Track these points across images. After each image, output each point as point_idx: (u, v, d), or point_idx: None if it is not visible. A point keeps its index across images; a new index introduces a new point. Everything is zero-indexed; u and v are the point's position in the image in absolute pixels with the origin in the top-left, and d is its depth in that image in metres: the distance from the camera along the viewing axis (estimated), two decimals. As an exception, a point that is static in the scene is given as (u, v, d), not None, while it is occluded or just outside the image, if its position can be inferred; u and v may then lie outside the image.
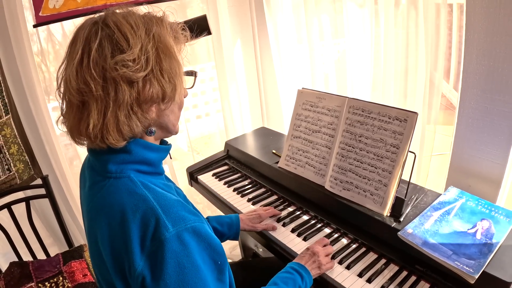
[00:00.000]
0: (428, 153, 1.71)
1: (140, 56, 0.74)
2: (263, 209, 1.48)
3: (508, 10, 1.21)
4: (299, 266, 1.12)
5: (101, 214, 0.79)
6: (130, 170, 0.81)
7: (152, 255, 0.72)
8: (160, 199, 0.77)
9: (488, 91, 1.35)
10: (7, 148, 1.57)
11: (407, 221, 1.27)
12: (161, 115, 0.84)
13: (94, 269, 0.89)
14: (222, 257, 0.81)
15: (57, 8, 1.51)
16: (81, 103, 0.75)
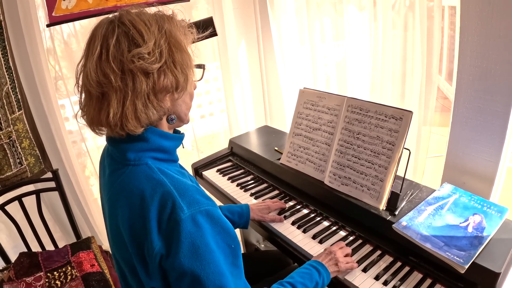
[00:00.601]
0: (424, 152, 1.76)
1: (154, 49, 0.80)
2: (271, 201, 1.54)
3: (500, 13, 1.26)
4: (317, 263, 1.15)
5: (121, 198, 0.85)
6: (148, 157, 0.87)
7: (169, 235, 0.78)
8: (176, 184, 0.83)
9: (481, 92, 1.40)
10: (19, 142, 1.64)
11: (402, 214, 1.32)
12: (175, 105, 0.90)
13: (114, 251, 0.95)
14: (235, 241, 0.86)
15: (70, 8, 1.59)
16: (101, 94, 0.81)
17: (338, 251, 1.21)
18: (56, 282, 1.51)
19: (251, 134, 2.08)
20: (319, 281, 1.09)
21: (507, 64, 1.32)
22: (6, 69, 1.55)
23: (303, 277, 1.07)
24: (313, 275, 1.09)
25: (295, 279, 1.06)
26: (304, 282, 1.05)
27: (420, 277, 1.19)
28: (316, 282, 1.08)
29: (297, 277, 1.07)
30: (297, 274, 1.09)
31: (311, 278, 1.08)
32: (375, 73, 1.80)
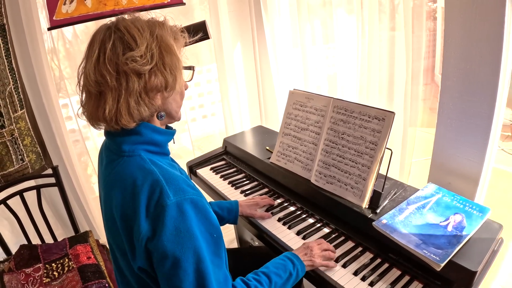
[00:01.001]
0: (410, 153, 1.76)
1: (146, 53, 0.86)
2: (260, 197, 1.55)
3: (483, 15, 1.26)
4: (292, 255, 1.16)
5: (116, 185, 0.90)
6: (141, 149, 0.93)
7: (155, 219, 0.83)
8: (164, 173, 0.88)
9: (465, 93, 1.40)
10: (21, 139, 1.67)
11: (383, 213, 1.32)
12: (165, 103, 0.96)
13: (108, 236, 1.00)
14: (218, 231, 0.91)
15: (70, 12, 1.62)
16: (99, 93, 0.87)
17: (316, 247, 1.22)
18: (54, 273, 1.54)
19: (245, 134, 2.09)
20: (293, 273, 1.10)
21: (490, 66, 1.31)
22: (9, 70, 1.58)
23: (277, 268, 1.09)
24: (287, 266, 1.11)
25: (270, 269, 1.08)
26: (278, 272, 1.07)
27: (399, 273, 1.19)
28: (290, 273, 1.10)
29: (271, 267, 1.10)
30: (272, 264, 1.11)
31: (285, 268, 1.10)
32: (363, 75, 1.80)
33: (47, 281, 1.50)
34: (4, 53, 1.54)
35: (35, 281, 1.49)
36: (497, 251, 1.22)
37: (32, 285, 1.47)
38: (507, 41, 1.28)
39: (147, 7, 1.73)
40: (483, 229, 1.22)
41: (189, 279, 0.84)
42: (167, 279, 0.85)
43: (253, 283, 1.02)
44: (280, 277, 1.07)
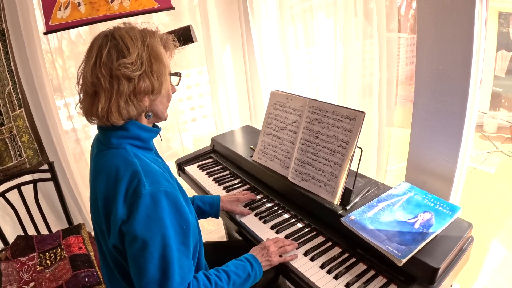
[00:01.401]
0: (385, 152, 1.76)
1: (136, 60, 0.94)
2: (242, 193, 1.57)
3: (454, 16, 1.25)
4: (251, 257, 1.20)
5: (102, 172, 0.98)
6: (127, 143, 1.00)
7: (130, 205, 0.91)
8: (144, 166, 0.96)
9: (438, 93, 1.39)
10: (19, 137, 1.72)
11: (353, 209, 1.31)
12: (152, 104, 1.03)
13: (92, 216, 1.07)
14: (187, 223, 0.98)
15: (64, 18, 1.66)
16: (94, 92, 0.95)
17: (272, 246, 1.24)
18: (47, 262, 1.59)
19: (232, 133, 2.10)
20: (251, 273, 1.15)
21: (461, 67, 1.30)
22: (8, 72, 1.63)
23: (237, 268, 1.14)
24: (246, 267, 1.15)
25: (230, 268, 1.13)
26: (237, 272, 1.12)
27: (364, 268, 1.19)
28: (248, 273, 1.14)
29: (232, 266, 1.14)
30: (232, 264, 1.15)
31: (244, 269, 1.14)
32: (340, 76, 1.82)
33: (40, 269, 1.56)
34: (4, 56, 1.60)
35: (29, 269, 1.56)
36: (466, 250, 1.20)
37: (26, 273, 1.54)
38: (477, 42, 1.27)
39: (138, 12, 1.78)
40: (452, 228, 1.21)
41: (154, 262, 0.91)
42: (134, 259, 0.92)
43: (213, 277, 1.07)
44: (239, 277, 1.12)
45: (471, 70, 1.28)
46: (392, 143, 1.87)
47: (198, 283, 1.02)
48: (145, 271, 0.92)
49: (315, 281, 1.17)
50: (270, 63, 2.12)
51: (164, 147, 2.86)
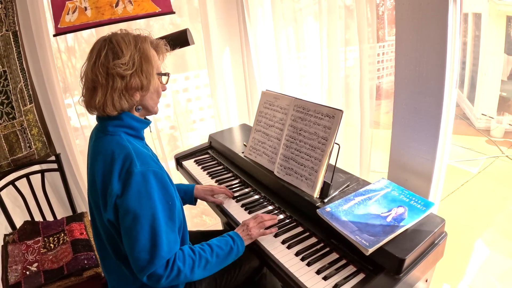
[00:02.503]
0: (368, 152, 1.80)
1: (129, 61, 1.07)
2: (218, 186, 1.64)
3: (429, 18, 1.27)
4: (233, 233, 1.29)
5: (100, 155, 1.10)
6: (121, 131, 1.13)
7: (124, 182, 1.03)
8: (136, 150, 1.08)
9: (416, 93, 1.42)
10: (29, 130, 1.83)
11: (331, 202, 1.36)
12: (143, 99, 1.15)
13: (89, 194, 1.18)
14: (173, 200, 1.10)
15: (72, 21, 1.77)
16: (93, 87, 1.08)
17: (251, 222, 1.33)
18: (50, 245, 1.70)
19: (228, 131, 2.17)
20: (234, 247, 1.23)
21: (436, 68, 1.34)
22: (20, 70, 1.75)
23: (220, 242, 1.23)
24: (228, 241, 1.24)
25: (213, 243, 1.22)
26: (219, 245, 1.22)
27: (337, 257, 1.23)
28: (231, 246, 1.23)
29: (215, 241, 1.23)
30: (216, 240, 1.25)
31: (226, 243, 1.23)
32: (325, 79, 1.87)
33: (44, 251, 1.66)
34: (16, 56, 1.71)
35: (34, 251, 1.66)
36: (438, 244, 1.23)
37: (31, 254, 1.64)
38: (452, 44, 1.31)
39: (140, 16, 1.87)
40: (425, 223, 1.25)
41: (145, 233, 1.02)
42: (127, 231, 1.04)
43: (197, 249, 1.17)
44: (221, 249, 1.21)
45: (446, 71, 1.31)
46: (382, 145, 1.92)
47: (184, 253, 1.12)
48: (137, 241, 1.03)
49: (288, 267, 1.22)
50: (265, 64, 2.18)
51: (172, 145, 2.95)
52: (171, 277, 1.08)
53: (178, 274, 1.09)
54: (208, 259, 1.17)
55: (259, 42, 2.15)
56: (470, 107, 5.07)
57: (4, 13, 1.65)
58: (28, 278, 1.51)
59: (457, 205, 2.91)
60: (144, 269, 1.05)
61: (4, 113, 1.74)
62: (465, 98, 5.41)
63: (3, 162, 1.78)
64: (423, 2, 1.29)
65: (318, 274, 1.18)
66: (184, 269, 1.10)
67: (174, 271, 1.08)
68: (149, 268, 1.04)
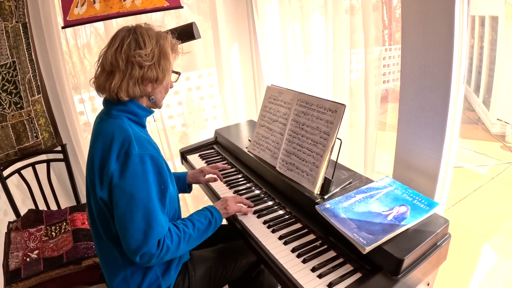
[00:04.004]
0: (372, 150, 1.74)
1: (149, 53, 1.12)
2: (208, 166, 1.67)
3: (435, 12, 1.23)
4: (210, 207, 1.34)
5: (101, 135, 1.13)
6: (124, 116, 1.16)
7: (122, 163, 1.06)
8: (135, 134, 1.12)
9: (422, 89, 1.36)
10: (37, 120, 1.84)
11: (331, 199, 1.31)
12: (153, 92, 1.21)
13: (87, 173, 1.20)
14: (166, 185, 1.13)
15: (81, 14, 1.77)
16: (111, 71, 1.12)
17: (230, 199, 1.40)
18: (52, 233, 1.69)
19: (235, 126, 2.14)
20: (212, 220, 1.28)
21: (442, 62, 1.27)
22: (29, 61, 1.76)
23: (199, 215, 1.28)
24: (207, 215, 1.29)
25: (193, 217, 1.27)
26: (200, 219, 1.26)
27: (334, 255, 1.18)
28: (209, 220, 1.28)
29: (195, 215, 1.28)
30: (195, 213, 1.30)
31: (205, 217, 1.28)
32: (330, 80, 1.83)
33: (45, 239, 1.65)
34: (26, 47, 1.72)
35: (36, 238, 1.66)
36: (440, 246, 1.16)
37: (32, 242, 1.64)
38: (459, 38, 1.24)
39: (148, 10, 1.86)
40: (427, 223, 1.19)
41: (140, 214, 1.06)
42: (122, 212, 1.06)
43: (181, 226, 1.21)
44: (201, 223, 1.25)
45: (452, 66, 1.25)
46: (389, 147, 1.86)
47: (170, 232, 1.15)
48: (132, 222, 1.05)
49: (283, 263, 1.18)
50: (272, 61, 2.15)
51: (184, 143, 2.93)
52: (161, 255, 1.11)
53: (166, 252, 1.12)
54: (191, 234, 1.21)
55: (267, 38, 2.11)
56: (486, 112, 4.92)
57: (14, 5, 1.66)
58: (27, 265, 1.50)
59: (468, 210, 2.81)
60: (138, 248, 1.07)
61: (12, 103, 1.75)
62: (480, 102, 5.25)
63: (10, 151, 1.79)
64: (430, -6, 1.22)
65: (313, 272, 1.14)
66: (172, 247, 1.13)
67: (163, 249, 1.11)
68: (143, 247, 1.06)
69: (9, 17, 1.65)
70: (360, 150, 1.79)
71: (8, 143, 1.77)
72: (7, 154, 1.78)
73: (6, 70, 1.70)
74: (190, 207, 2.70)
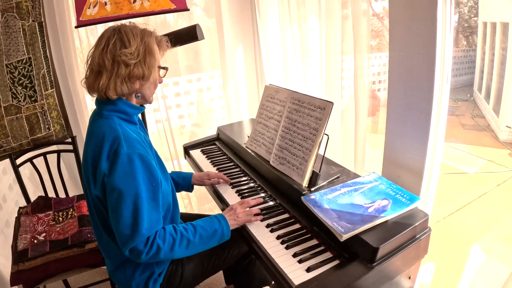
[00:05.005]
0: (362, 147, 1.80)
1: (134, 51, 1.15)
2: (215, 172, 1.71)
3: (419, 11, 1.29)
4: (220, 215, 1.33)
5: (93, 135, 1.18)
6: (114, 116, 1.20)
7: (111, 161, 1.10)
8: (125, 133, 1.15)
9: (408, 88, 1.41)
10: (49, 112, 1.97)
11: (317, 191, 1.38)
12: (141, 88, 1.24)
13: (83, 171, 1.26)
14: (156, 182, 1.16)
15: (93, 15, 1.89)
16: (98, 71, 1.16)
17: (238, 208, 1.37)
18: (59, 218, 1.80)
19: (237, 124, 2.23)
20: (218, 229, 1.27)
21: (425, 62, 1.33)
22: (44, 57, 1.89)
23: (205, 223, 1.27)
24: (213, 223, 1.28)
25: (198, 223, 1.26)
26: (204, 226, 1.26)
27: (316, 243, 1.25)
28: (215, 229, 1.26)
29: (200, 222, 1.27)
30: (201, 220, 1.28)
31: (211, 225, 1.27)
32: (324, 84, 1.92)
33: (52, 224, 1.77)
34: (41, 44, 1.86)
35: (44, 222, 1.78)
36: (419, 239, 1.22)
37: (40, 226, 1.76)
38: (442, 38, 1.30)
39: (156, 12, 1.97)
40: (407, 216, 1.24)
41: (128, 210, 1.09)
42: (112, 207, 1.11)
43: (180, 228, 1.21)
44: (205, 230, 1.25)
45: (435, 66, 1.30)
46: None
47: (165, 232, 1.17)
48: (121, 217, 1.09)
49: (267, 248, 1.25)
50: (273, 63, 2.24)
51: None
52: (151, 253, 1.13)
53: (157, 251, 1.14)
54: (190, 239, 1.21)
55: (269, 41, 2.21)
56: (495, 119, 4.88)
57: (31, 5, 1.80)
58: (35, 246, 1.62)
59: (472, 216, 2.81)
60: (126, 243, 1.11)
61: (27, 96, 1.89)
62: (490, 109, 5.20)
63: (23, 141, 1.92)
64: (415, -3, 1.29)
65: (294, 257, 1.20)
66: (163, 247, 1.15)
67: (153, 248, 1.13)
68: (130, 243, 1.11)
69: (26, 16, 1.80)
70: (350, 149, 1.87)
71: (22, 133, 1.91)
72: (21, 143, 1.92)
73: (22, 65, 1.84)
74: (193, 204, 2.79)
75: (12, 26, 1.76)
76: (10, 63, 1.81)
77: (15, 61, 1.83)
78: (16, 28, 1.78)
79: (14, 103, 1.86)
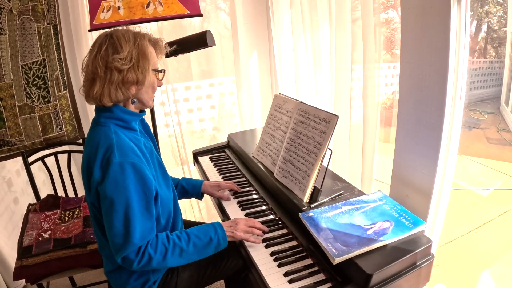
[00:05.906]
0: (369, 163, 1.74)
1: (127, 56, 1.14)
2: (225, 182, 1.69)
3: (431, 23, 1.23)
4: (217, 224, 1.31)
5: (89, 143, 1.20)
6: (111, 123, 1.19)
7: (104, 170, 1.11)
8: (118, 141, 1.15)
9: (418, 103, 1.35)
10: (62, 113, 2.03)
11: (317, 207, 1.35)
12: (138, 93, 1.22)
13: (82, 176, 1.25)
14: (150, 192, 1.15)
15: (106, 19, 1.92)
16: (92, 79, 1.16)
17: (242, 222, 1.33)
18: (65, 217, 1.83)
19: (248, 132, 2.22)
20: (214, 238, 1.25)
21: (437, 76, 1.26)
22: (58, 60, 1.95)
23: (199, 231, 1.26)
24: (209, 231, 1.26)
25: (192, 231, 1.25)
26: (198, 235, 1.24)
27: (310, 263, 1.22)
28: (210, 237, 1.24)
29: (194, 230, 1.26)
30: (196, 228, 1.27)
31: (206, 233, 1.25)
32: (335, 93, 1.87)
33: (58, 222, 1.81)
34: (55, 46, 1.92)
35: (50, 221, 1.83)
36: (420, 267, 1.16)
37: (47, 223, 1.81)
38: (456, 51, 1.23)
39: (169, 17, 1.99)
40: (409, 241, 1.18)
41: (119, 218, 1.10)
42: (105, 215, 1.12)
43: (172, 237, 1.21)
44: (199, 239, 1.24)
45: (447, 80, 1.23)
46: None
47: (157, 241, 1.17)
48: (112, 225, 1.10)
49: (259, 265, 1.24)
50: (286, 71, 2.21)
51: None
52: (142, 262, 1.14)
53: (149, 260, 1.15)
54: (183, 247, 1.20)
55: (282, 48, 2.19)
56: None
57: (46, 8, 1.86)
58: (39, 243, 1.67)
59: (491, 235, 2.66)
60: (118, 252, 1.12)
61: (40, 96, 1.95)
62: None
63: (36, 140, 1.99)
64: (427, 6, 1.23)
65: (285, 276, 1.18)
66: (155, 256, 1.15)
67: (145, 257, 1.14)
68: (122, 252, 1.12)
69: (42, 19, 1.86)
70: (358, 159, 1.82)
71: (35, 132, 1.98)
72: (33, 142, 1.99)
73: (37, 66, 1.91)
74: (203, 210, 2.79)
75: (28, 28, 1.82)
76: (25, 64, 1.88)
77: (30, 62, 1.89)
78: (32, 30, 1.84)
79: (28, 103, 1.92)
